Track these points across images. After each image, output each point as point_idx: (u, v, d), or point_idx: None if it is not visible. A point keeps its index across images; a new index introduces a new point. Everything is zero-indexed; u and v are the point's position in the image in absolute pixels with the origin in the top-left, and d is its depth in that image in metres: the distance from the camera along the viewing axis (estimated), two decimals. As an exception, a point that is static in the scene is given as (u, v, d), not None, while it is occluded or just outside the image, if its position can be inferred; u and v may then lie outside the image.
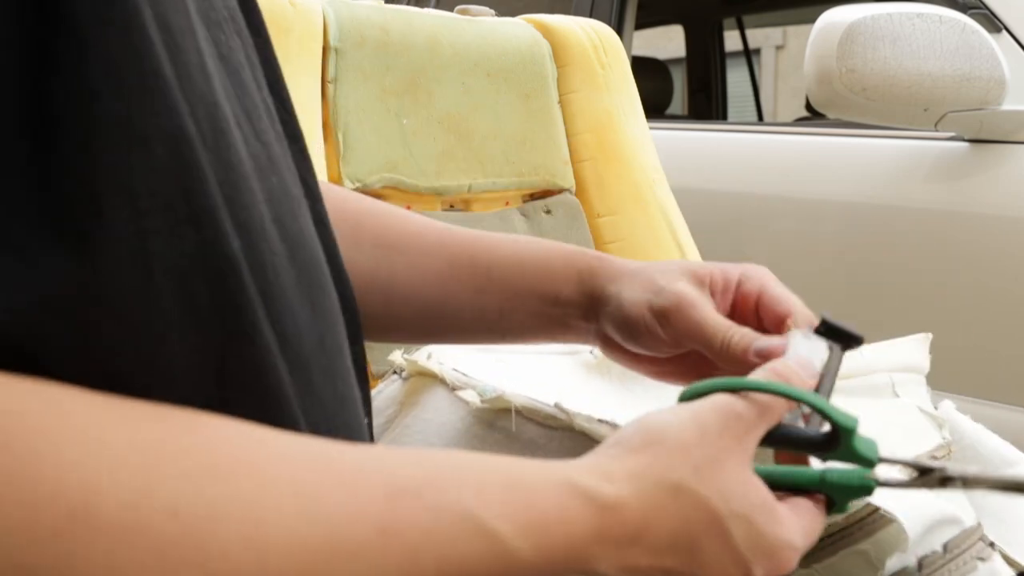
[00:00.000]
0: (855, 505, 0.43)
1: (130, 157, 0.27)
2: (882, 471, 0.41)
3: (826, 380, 0.44)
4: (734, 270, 0.49)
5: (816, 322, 0.45)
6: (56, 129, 0.26)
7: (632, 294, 0.49)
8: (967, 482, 0.41)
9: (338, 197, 0.55)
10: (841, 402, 0.48)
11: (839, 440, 0.40)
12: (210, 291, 0.29)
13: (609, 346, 0.52)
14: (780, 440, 0.41)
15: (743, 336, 0.46)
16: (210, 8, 0.35)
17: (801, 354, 0.44)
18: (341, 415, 0.37)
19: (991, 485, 0.41)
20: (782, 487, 0.40)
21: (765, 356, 0.44)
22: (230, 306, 0.29)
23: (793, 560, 0.38)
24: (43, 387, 0.25)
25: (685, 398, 0.40)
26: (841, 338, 0.45)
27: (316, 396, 0.35)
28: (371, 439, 0.43)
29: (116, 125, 0.26)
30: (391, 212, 0.55)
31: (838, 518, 0.46)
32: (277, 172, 0.37)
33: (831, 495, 0.40)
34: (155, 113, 0.27)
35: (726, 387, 0.39)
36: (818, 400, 0.40)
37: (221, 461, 0.27)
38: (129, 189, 0.27)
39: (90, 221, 0.26)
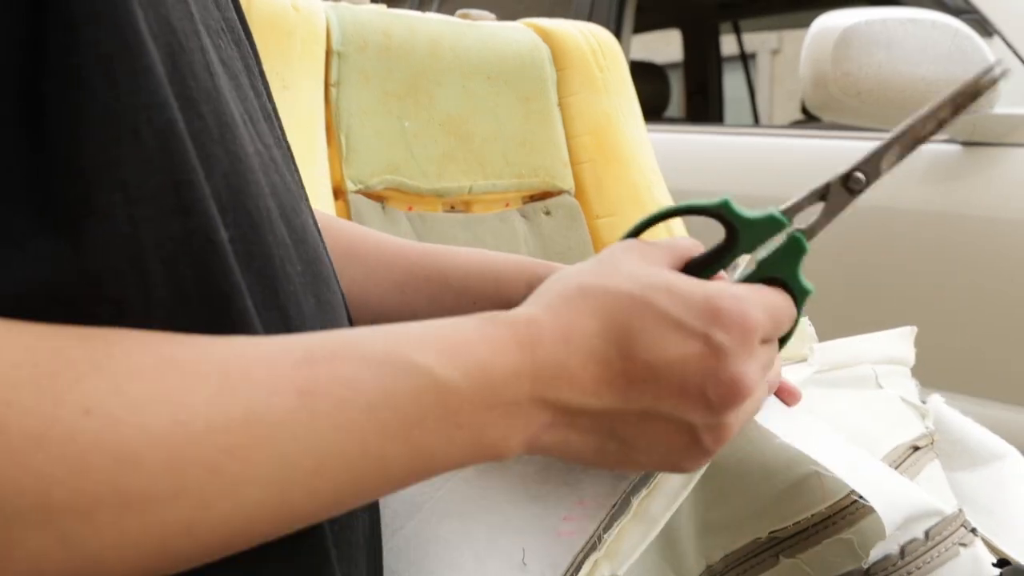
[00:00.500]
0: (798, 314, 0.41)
1: (121, 148, 0.28)
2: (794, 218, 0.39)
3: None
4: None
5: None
6: (50, 121, 0.27)
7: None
8: (867, 163, 0.40)
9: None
10: (825, 394, 0.49)
11: (731, 224, 0.39)
12: (196, 277, 0.30)
13: None
14: (695, 269, 0.39)
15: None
16: (209, 18, 0.37)
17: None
18: None
19: (894, 146, 0.40)
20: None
21: None
22: (217, 292, 0.30)
23: (748, 312, 0.35)
24: None
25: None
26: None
27: None
28: None
29: (108, 117, 0.28)
30: (351, 226, 0.57)
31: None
32: (279, 171, 0.39)
33: (742, 233, 0.39)
34: (146, 107, 0.28)
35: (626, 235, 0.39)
36: (681, 205, 0.39)
37: (139, 360, 0.27)
38: (120, 179, 0.28)
39: (82, 208, 0.27)
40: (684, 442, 0.36)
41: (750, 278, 0.40)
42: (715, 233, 0.41)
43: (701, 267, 0.40)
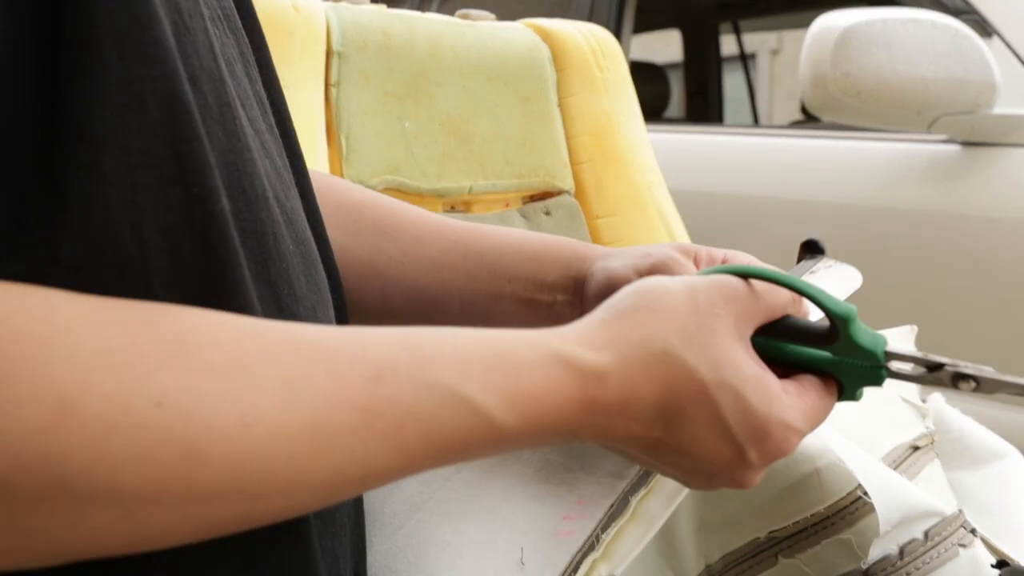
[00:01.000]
0: (861, 393, 0.40)
1: (127, 117, 0.29)
2: (895, 366, 0.39)
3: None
4: (719, 251, 0.50)
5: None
6: (64, 86, 0.28)
7: (619, 262, 0.50)
8: (980, 382, 0.39)
9: (340, 188, 0.57)
10: None
11: (838, 332, 0.38)
12: (194, 246, 0.31)
13: None
14: (780, 332, 0.39)
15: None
16: (204, 6, 0.37)
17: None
18: None
19: (1007, 388, 0.39)
20: (790, 366, 0.38)
21: None
22: (214, 260, 0.31)
23: (791, 441, 0.37)
24: (29, 290, 0.27)
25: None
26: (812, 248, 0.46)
27: None
28: None
29: (116, 86, 0.29)
30: (390, 202, 0.57)
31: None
32: (269, 156, 0.40)
33: (840, 378, 0.38)
34: (152, 78, 0.29)
35: (730, 271, 0.38)
36: (813, 288, 0.38)
37: (209, 356, 0.28)
38: (124, 146, 0.29)
39: (88, 173, 0.28)
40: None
41: (822, 363, 0.39)
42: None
43: (786, 334, 0.39)
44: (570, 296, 0.52)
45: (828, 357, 0.38)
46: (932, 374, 0.40)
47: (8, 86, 0.27)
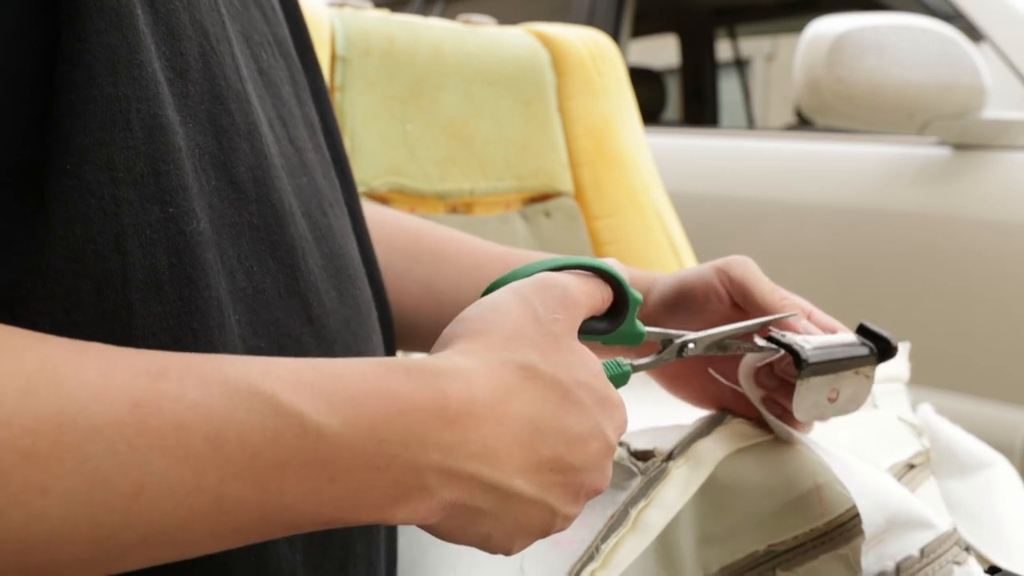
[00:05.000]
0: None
1: (113, 131, 0.30)
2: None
3: (830, 351, 0.47)
4: (722, 264, 0.51)
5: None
6: (57, 100, 0.29)
7: (690, 271, 0.51)
8: (697, 343, 0.44)
9: (396, 216, 0.59)
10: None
11: (625, 309, 0.41)
12: (170, 263, 0.31)
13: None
14: (585, 330, 0.40)
15: (793, 307, 0.48)
16: (253, 30, 0.40)
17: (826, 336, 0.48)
18: None
19: (716, 338, 0.45)
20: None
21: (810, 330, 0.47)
22: (186, 280, 0.31)
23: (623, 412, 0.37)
24: None
25: (496, 285, 0.38)
26: (880, 347, 0.48)
27: None
28: None
29: (104, 101, 0.29)
30: (445, 229, 0.58)
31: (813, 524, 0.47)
32: (309, 174, 0.41)
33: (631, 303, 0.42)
34: (137, 99, 0.30)
35: (542, 268, 0.38)
36: (599, 262, 0.40)
37: None
38: (109, 159, 0.29)
39: (74, 183, 0.29)
40: (543, 525, 0.35)
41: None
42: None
43: (600, 325, 0.42)
44: None
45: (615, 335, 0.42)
46: (665, 350, 0.44)
47: (3, 95, 0.28)
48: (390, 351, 0.49)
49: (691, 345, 0.45)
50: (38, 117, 0.28)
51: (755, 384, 0.49)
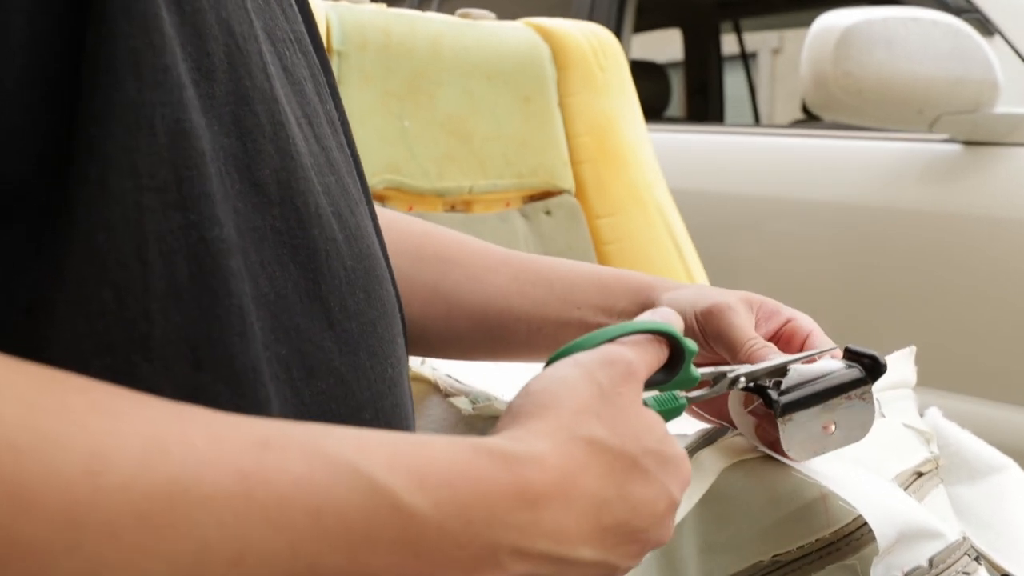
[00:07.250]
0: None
1: (138, 137, 0.29)
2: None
3: (808, 385, 0.46)
4: (787, 309, 0.51)
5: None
6: (82, 105, 0.28)
7: (683, 296, 0.51)
8: (749, 377, 0.45)
9: (400, 218, 0.59)
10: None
11: (681, 360, 0.42)
12: (190, 271, 0.30)
13: None
14: (649, 383, 0.42)
15: (765, 347, 0.47)
16: (275, 28, 0.39)
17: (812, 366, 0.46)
18: (390, 397, 0.39)
19: (767, 371, 0.45)
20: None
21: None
22: (206, 288, 0.31)
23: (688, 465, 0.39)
24: None
25: (560, 355, 0.39)
26: (866, 367, 0.47)
27: (363, 374, 0.38)
28: (414, 429, 0.44)
29: (129, 106, 0.29)
30: (451, 232, 0.58)
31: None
32: (336, 173, 0.40)
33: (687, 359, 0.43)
34: (162, 103, 0.30)
35: (603, 339, 0.39)
36: (658, 324, 0.41)
37: (71, 399, 0.26)
38: (133, 165, 0.29)
39: (95, 190, 0.28)
40: None
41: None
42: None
43: (657, 376, 0.43)
44: None
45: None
46: (716, 385, 0.45)
47: (25, 101, 0.28)
48: (407, 353, 0.48)
49: (742, 379, 0.46)
50: (62, 122, 0.28)
51: (747, 414, 0.48)
